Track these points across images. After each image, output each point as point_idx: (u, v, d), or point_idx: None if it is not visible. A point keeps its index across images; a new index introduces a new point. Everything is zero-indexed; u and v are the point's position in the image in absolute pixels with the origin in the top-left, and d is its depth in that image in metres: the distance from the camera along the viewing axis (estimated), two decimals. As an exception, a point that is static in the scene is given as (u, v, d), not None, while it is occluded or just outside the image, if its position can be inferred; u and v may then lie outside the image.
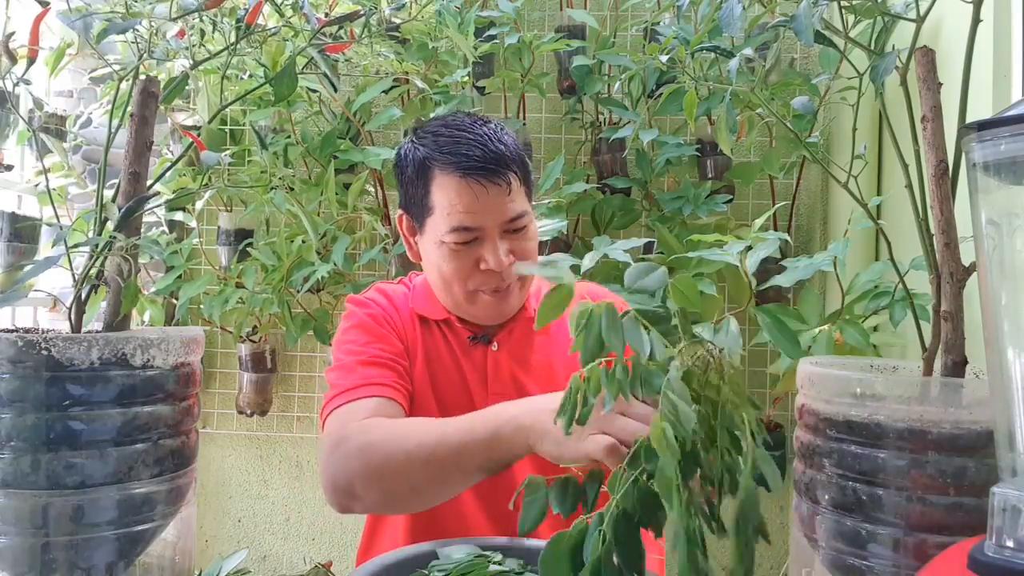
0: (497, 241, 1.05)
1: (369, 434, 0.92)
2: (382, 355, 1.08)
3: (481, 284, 1.08)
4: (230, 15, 1.05)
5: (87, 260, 0.98)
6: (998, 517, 0.55)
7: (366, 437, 0.92)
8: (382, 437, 0.91)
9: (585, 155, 2.09)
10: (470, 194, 1.04)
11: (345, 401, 1.02)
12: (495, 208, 1.05)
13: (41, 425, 0.85)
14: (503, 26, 1.83)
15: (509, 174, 1.05)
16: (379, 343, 1.10)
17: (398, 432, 0.91)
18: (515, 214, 1.06)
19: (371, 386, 1.03)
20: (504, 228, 1.06)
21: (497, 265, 1.05)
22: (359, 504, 0.92)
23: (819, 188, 2.08)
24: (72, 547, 0.86)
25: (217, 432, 2.22)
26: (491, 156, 1.04)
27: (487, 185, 1.04)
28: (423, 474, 0.88)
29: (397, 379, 1.07)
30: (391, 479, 0.89)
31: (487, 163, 1.04)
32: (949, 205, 0.86)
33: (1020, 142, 0.58)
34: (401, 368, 1.09)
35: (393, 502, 0.93)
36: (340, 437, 0.94)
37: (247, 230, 2.04)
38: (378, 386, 1.04)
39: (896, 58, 0.96)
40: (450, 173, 1.04)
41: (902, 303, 1.38)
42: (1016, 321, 0.61)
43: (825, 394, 0.87)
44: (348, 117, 1.93)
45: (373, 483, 0.90)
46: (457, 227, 1.04)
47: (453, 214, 1.04)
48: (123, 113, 1.04)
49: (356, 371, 1.06)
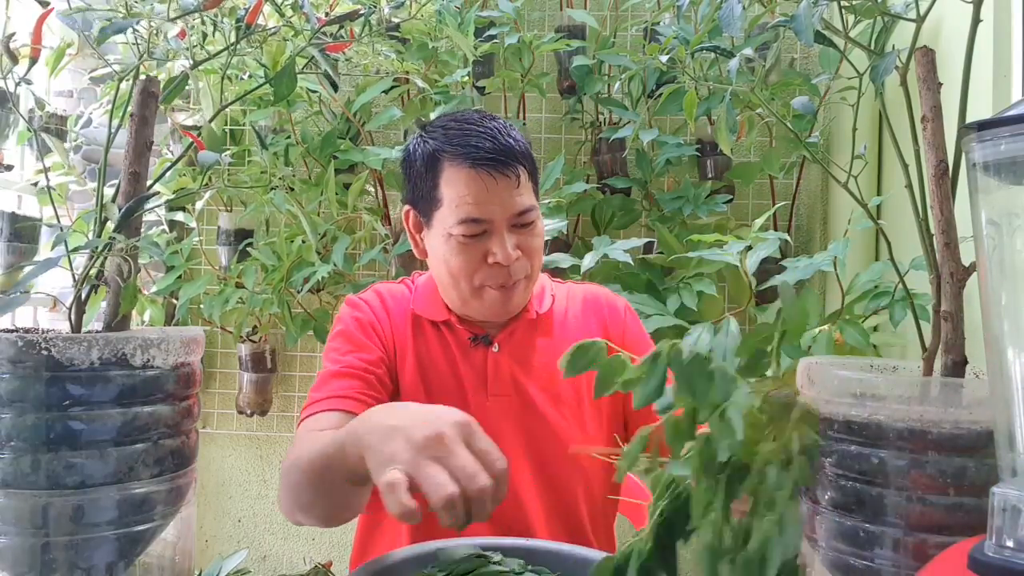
0: (505, 235, 1.06)
1: (293, 451, 0.95)
2: (354, 366, 1.09)
3: (488, 279, 1.08)
4: (230, 15, 1.05)
5: (87, 260, 0.98)
6: (998, 517, 0.55)
7: (291, 455, 0.95)
8: (294, 454, 0.94)
9: (585, 155, 2.09)
10: (479, 185, 1.04)
11: (309, 415, 1.05)
12: (504, 200, 1.05)
13: (41, 425, 0.85)
14: (503, 26, 1.83)
15: (518, 167, 1.06)
16: (357, 352, 1.11)
17: (302, 449, 0.92)
18: (524, 207, 1.06)
19: (334, 399, 1.05)
20: (512, 222, 1.06)
21: (505, 259, 1.05)
22: (296, 516, 0.95)
23: (819, 188, 2.08)
24: (72, 547, 0.86)
25: (217, 432, 2.22)
26: (501, 148, 1.05)
27: (496, 177, 1.04)
28: (310, 488, 0.89)
29: (365, 390, 1.07)
30: (296, 494, 0.92)
31: (497, 155, 1.04)
32: (949, 205, 0.86)
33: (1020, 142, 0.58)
34: (373, 378, 1.09)
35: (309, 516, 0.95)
36: (289, 451, 0.98)
37: (247, 230, 2.04)
38: (341, 399, 1.05)
39: (896, 58, 0.96)
40: (459, 164, 1.05)
41: (902, 303, 1.38)
42: (1016, 321, 0.61)
43: (825, 394, 0.87)
44: (348, 117, 1.93)
45: (292, 503, 0.94)
46: (466, 219, 1.04)
47: (462, 206, 1.04)
48: (123, 113, 1.04)
49: (328, 384, 1.08)
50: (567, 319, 1.19)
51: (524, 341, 1.15)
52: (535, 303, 1.17)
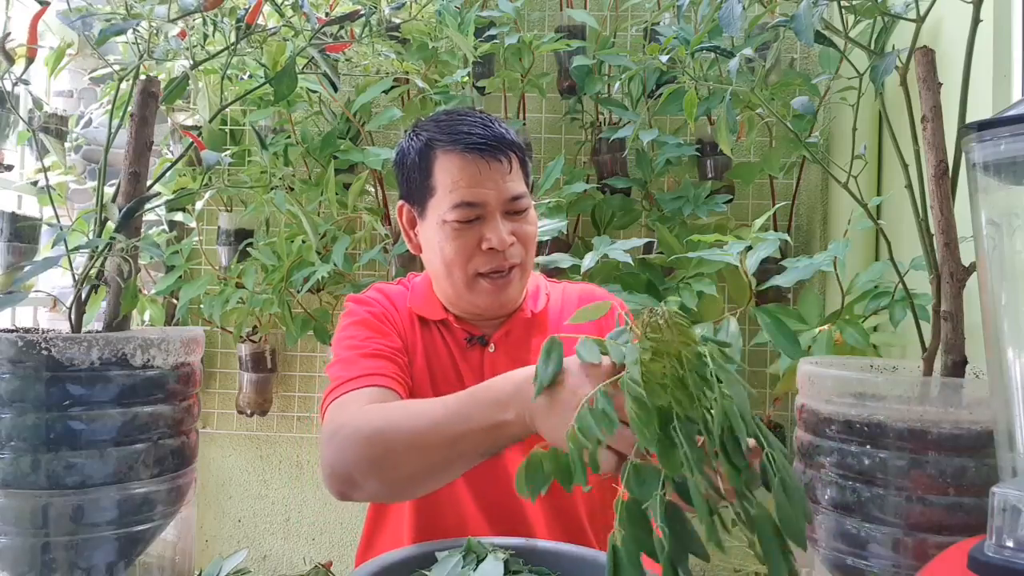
0: (499, 220, 1.07)
1: (367, 421, 0.90)
2: (383, 349, 1.09)
3: (482, 265, 1.08)
4: (230, 15, 1.05)
5: (87, 260, 0.98)
6: (998, 517, 0.55)
7: (364, 424, 0.90)
8: (379, 425, 0.89)
9: (585, 155, 2.09)
10: (472, 169, 1.06)
11: (345, 391, 1.01)
12: (497, 185, 1.07)
13: (41, 425, 0.85)
14: (503, 26, 1.83)
15: (510, 153, 1.08)
16: (380, 338, 1.10)
17: (394, 419, 0.89)
18: (516, 193, 1.08)
19: (371, 376, 1.03)
20: (506, 208, 1.08)
21: (500, 243, 1.06)
22: (359, 492, 0.90)
23: (819, 188, 2.08)
24: (72, 547, 0.86)
25: (217, 432, 2.22)
26: (492, 135, 1.07)
27: (489, 161, 1.06)
28: (421, 462, 0.85)
29: (398, 371, 1.07)
30: (390, 468, 0.87)
31: (488, 140, 1.06)
32: (949, 205, 0.86)
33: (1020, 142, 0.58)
34: (402, 362, 1.09)
35: (391, 489, 0.91)
36: (339, 424, 0.92)
37: (247, 230, 2.04)
38: (378, 376, 1.04)
39: (896, 58, 0.96)
40: (452, 151, 1.07)
41: (902, 303, 1.38)
42: (1016, 321, 0.61)
43: (825, 394, 0.87)
44: (348, 117, 1.93)
45: (372, 471, 0.88)
46: (460, 202, 1.06)
47: (456, 190, 1.06)
48: (123, 113, 1.04)
49: (357, 363, 1.05)
50: (563, 318, 1.19)
51: (520, 341, 1.15)
52: (530, 302, 1.17)
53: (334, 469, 0.90)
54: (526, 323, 1.16)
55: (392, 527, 1.14)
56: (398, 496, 0.95)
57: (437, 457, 0.84)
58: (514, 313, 1.15)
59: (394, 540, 1.11)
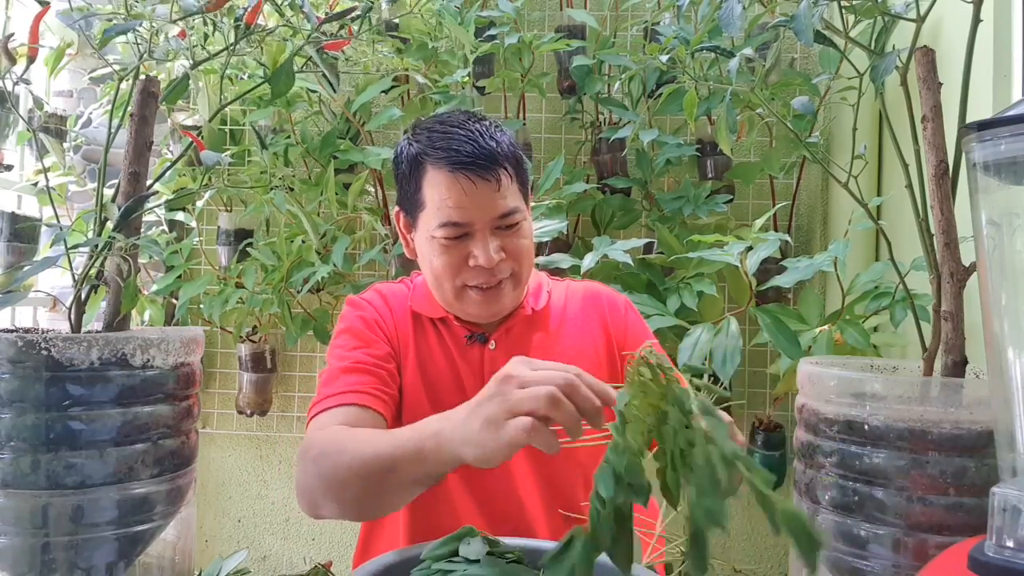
0: (488, 237, 1.06)
1: (324, 444, 0.94)
2: (366, 361, 1.09)
3: (471, 279, 1.08)
4: (229, 15, 1.05)
5: (87, 260, 0.98)
6: (998, 517, 0.55)
7: (321, 447, 0.93)
8: (332, 448, 0.92)
9: (585, 155, 2.09)
10: (459, 190, 1.04)
11: (321, 409, 1.04)
12: (485, 204, 1.05)
13: (41, 425, 0.85)
14: (503, 26, 1.83)
15: (499, 170, 1.06)
16: (365, 348, 1.11)
17: (345, 444, 0.91)
18: (505, 211, 1.06)
19: (348, 394, 1.04)
20: (495, 225, 1.06)
21: (487, 261, 1.05)
22: (323, 510, 0.94)
23: (819, 188, 2.08)
24: (72, 547, 0.86)
25: (217, 432, 2.22)
26: (481, 152, 1.05)
27: (476, 181, 1.04)
28: (362, 487, 0.88)
29: (378, 385, 1.07)
30: (338, 490, 0.90)
31: (477, 159, 1.04)
32: (949, 205, 0.86)
33: (1020, 142, 0.58)
34: (385, 373, 1.10)
35: (346, 511, 0.94)
36: (307, 445, 0.96)
37: (247, 230, 2.04)
38: (356, 393, 1.05)
39: (896, 58, 0.96)
40: (440, 168, 1.05)
41: (902, 303, 1.38)
42: (1016, 321, 0.61)
43: (825, 394, 0.87)
44: (348, 117, 1.93)
45: (327, 493, 0.91)
46: (446, 222, 1.05)
47: (442, 209, 1.05)
48: (123, 113, 1.04)
49: (338, 379, 1.07)
50: (566, 315, 1.19)
51: (521, 338, 1.15)
52: (530, 300, 1.17)
53: (300, 489, 0.95)
54: (527, 320, 1.16)
55: (389, 528, 1.14)
56: (358, 516, 0.97)
57: (373, 482, 0.87)
58: (515, 311, 1.15)
59: (391, 541, 1.11)
